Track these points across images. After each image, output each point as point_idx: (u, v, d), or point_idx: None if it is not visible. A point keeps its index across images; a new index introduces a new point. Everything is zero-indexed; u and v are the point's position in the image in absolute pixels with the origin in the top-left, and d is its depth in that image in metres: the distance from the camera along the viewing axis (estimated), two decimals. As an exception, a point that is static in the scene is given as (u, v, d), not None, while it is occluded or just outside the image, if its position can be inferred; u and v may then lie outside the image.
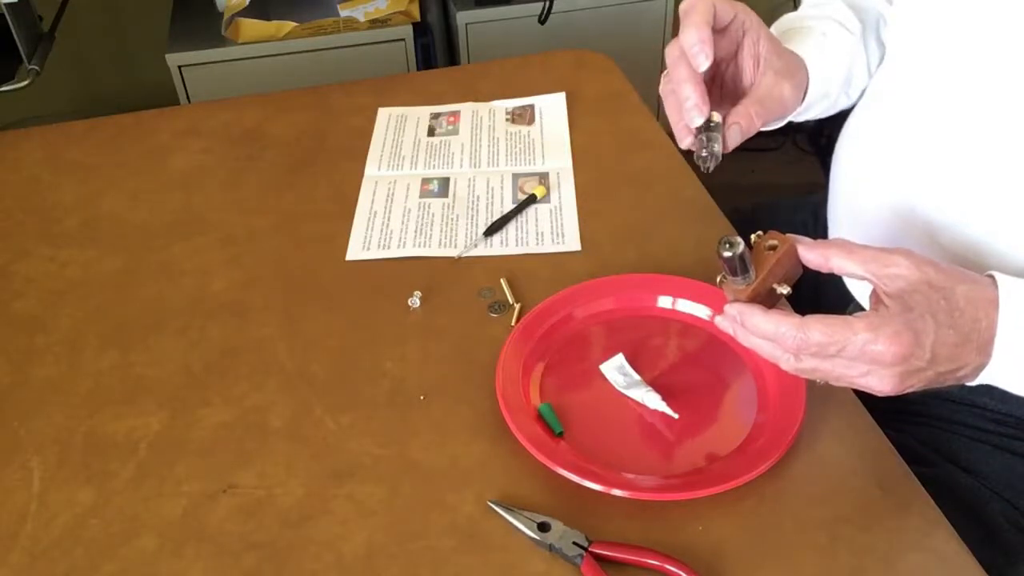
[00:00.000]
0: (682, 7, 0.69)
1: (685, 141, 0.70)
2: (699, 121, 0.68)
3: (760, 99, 0.71)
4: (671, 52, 0.68)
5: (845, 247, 0.61)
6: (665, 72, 0.70)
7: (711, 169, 0.68)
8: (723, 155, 0.69)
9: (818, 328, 0.57)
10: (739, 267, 0.61)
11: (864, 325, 0.57)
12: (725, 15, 0.69)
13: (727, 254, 0.60)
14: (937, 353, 0.58)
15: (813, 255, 0.62)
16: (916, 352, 0.57)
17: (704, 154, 0.68)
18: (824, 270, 0.62)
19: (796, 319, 0.59)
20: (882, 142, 0.79)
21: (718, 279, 0.63)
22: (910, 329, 0.57)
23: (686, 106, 0.68)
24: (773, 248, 0.62)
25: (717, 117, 0.68)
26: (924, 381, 0.59)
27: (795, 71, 0.74)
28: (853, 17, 0.84)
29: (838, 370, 0.59)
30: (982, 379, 0.61)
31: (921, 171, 0.74)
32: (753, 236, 0.63)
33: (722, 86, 0.74)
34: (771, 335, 0.60)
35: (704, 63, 0.66)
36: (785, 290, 0.62)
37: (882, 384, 0.58)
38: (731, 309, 0.62)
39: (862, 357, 0.57)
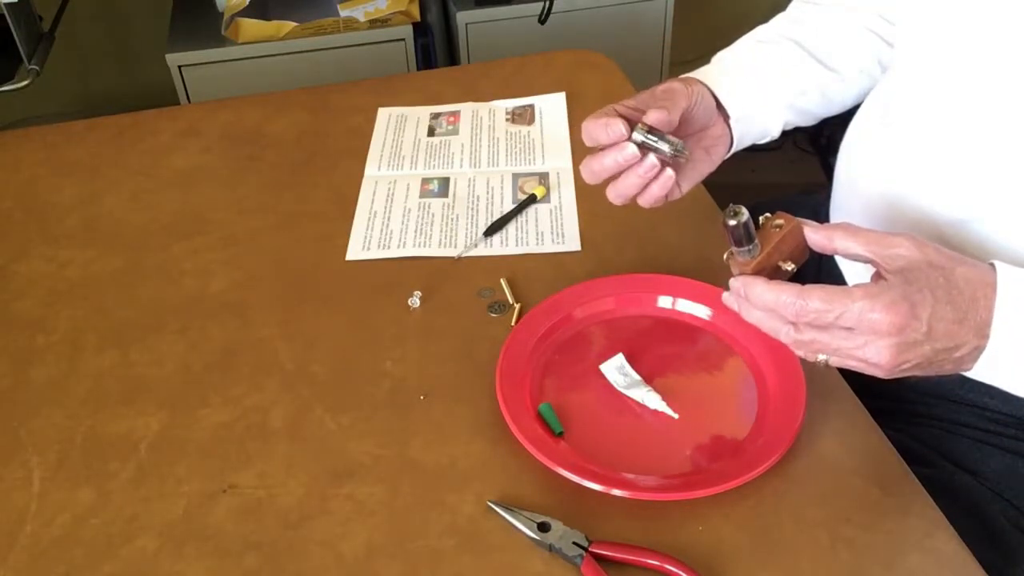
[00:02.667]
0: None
1: (626, 152, 0.69)
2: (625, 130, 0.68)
3: (651, 98, 0.73)
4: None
5: (849, 229, 0.62)
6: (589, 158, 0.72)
7: (683, 153, 0.69)
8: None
9: (817, 295, 0.59)
10: (744, 237, 0.62)
11: (862, 293, 0.58)
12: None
13: (732, 222, 0.62)
14: (934, 327, 0.58)
15: (818, 236, 0.63)
16: (912, 324, 0.58)
17: (665, 148, 0.68)
18: (828, 251, 0.63)
19: (796, 287, 0.60)
20: (888, 144, 0.79)
21: (725, 256, 0.65)
22: (907, 300, 0.58)
23: (611, 130, 0.69)
24: (780, 228, 0.64)
25: (639, 133, 0.69)
26: (921, 359, 0.59)
27: (662, 83, 0.76)
28: (784, 35, 0.85)
29: (836, 341, 0.60)
30: (980, 367, 0.61)
31: (927, 172, 0.74)
32: (762, 217, 0.65)
33: None
34: (772, 304, 0.61)
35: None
36: (790, 267, 0.64)
37: (879, 356, 0.59)
38: (735, 282, 0.63)
39: (859, 326, 0.58)
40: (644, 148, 0.69)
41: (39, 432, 0.74)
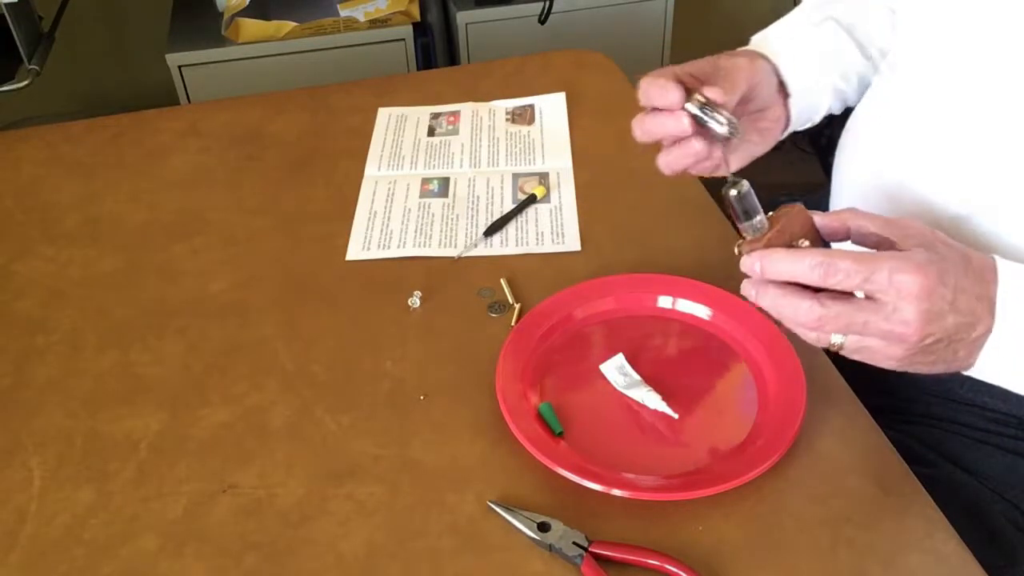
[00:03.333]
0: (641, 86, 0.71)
1: (683, 121, 0.68)
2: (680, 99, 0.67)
3: (712, 71, 0.71)
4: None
5: (859, 211, 0.62)
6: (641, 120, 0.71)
7: (737, 132, 0.66)
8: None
9: (846, 255, 0.57)
10: (748, 208, 0.62)
11: (890, 255, 0.57)
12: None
13: (732, 192, 0.62)
14: (958, 298, 0.58)
15: (829, 219, 0.62)
16: (939, 290, 0.57)
17: (720, 123, 0.66)
18: (840, 235, 0.62)
19: (822, 249, 0.59)
20: (886, 141, 0.79)
21: (736, 247, 0.63)
22: (934, 264, 0.57)
23: (669, 96, 0.67)
24: (787, 214, 0.63)
25: (693, 105, 0.67)
26: (943, 334, 0.58)
27: (725, 54, 0.74)
28: (831, 19, 0.84)
29: (862, 313, 0.58)
30: (986, 354, 0.61)
31: (927, 170, 0.74)
32: (769, 214, 0.64)
33: None
34: (795, 272, 0.58)
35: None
36: (805, 244, 0.62)
37: (906, 324, 0.57)
38: (750, 258, 0.61)
39: (889, 289, 0.57)
40: (697, 121, 0.67)
41: (39, 432, 0.74)
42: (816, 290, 0.59)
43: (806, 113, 0.82)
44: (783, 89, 0.79)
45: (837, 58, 0.83)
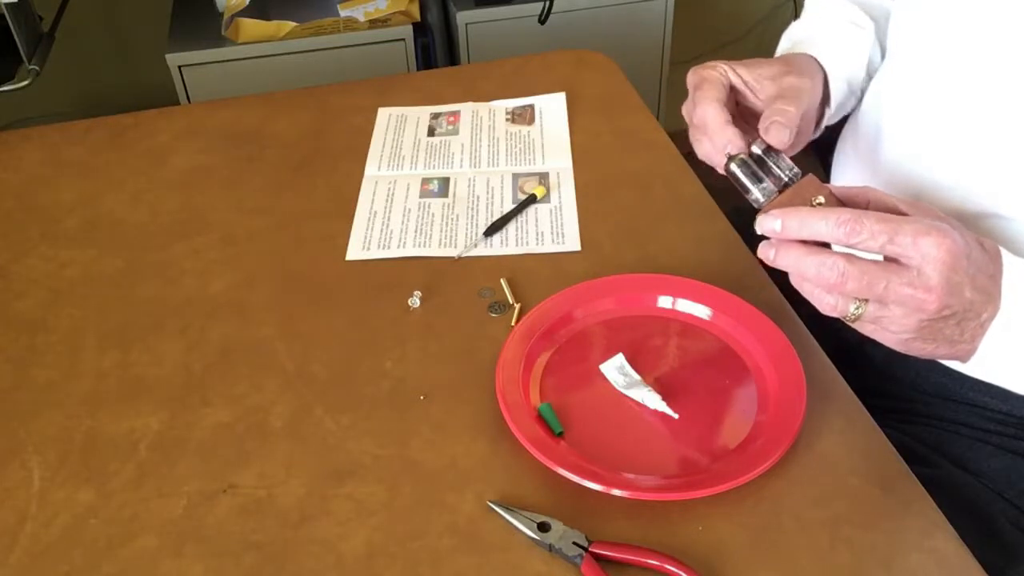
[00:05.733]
0: (693, 79, 0.70)
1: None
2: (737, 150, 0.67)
3: (776, 96, 0.70)
4: (689, 111, 0.70)
5: (877, 189, 0.61)
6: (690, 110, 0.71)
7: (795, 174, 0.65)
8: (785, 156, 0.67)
9: (872, 216, 0.56)
10: (755, 174, 0.62)
11: (915, 219, 0.56)
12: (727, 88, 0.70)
13: (732, 166, 0.63)
14: (976, 275, 0.58)
15: (847, 189, 0.61)
16: (962, 262, 0.56)
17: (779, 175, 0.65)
18: (860, 201, 0.61)
19: (848, 208, 0.58)
20: (886, 140, 0.79)
21: (756, 225, 0.61)
22: (959, 235, 0.56)
23: (721, 138, 0.67)
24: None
25: (757, 148, 0.66)
26: (960, 307, 0.57)
27: (794, 68, 0.74)
28: (863, 14, 0.83)
29: (887, 273, 0.56)
30: (989, 339, 0.60)
31: (927, 169, 0.74)
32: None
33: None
34: (819, 230, 0.57)
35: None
36: (820, 199, 0.61)
37: (929, 292, 0.56)
38: (768, 217, 0.59)
39: (914, 254, 0.56)
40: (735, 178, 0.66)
41: (39, 432, 0.74)
42: None
43: (834, 120, 0.81)
44: (824, 100, 0.78)
45: (869, 65, 0.83)
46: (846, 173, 0.85)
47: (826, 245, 0.59)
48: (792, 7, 2.13)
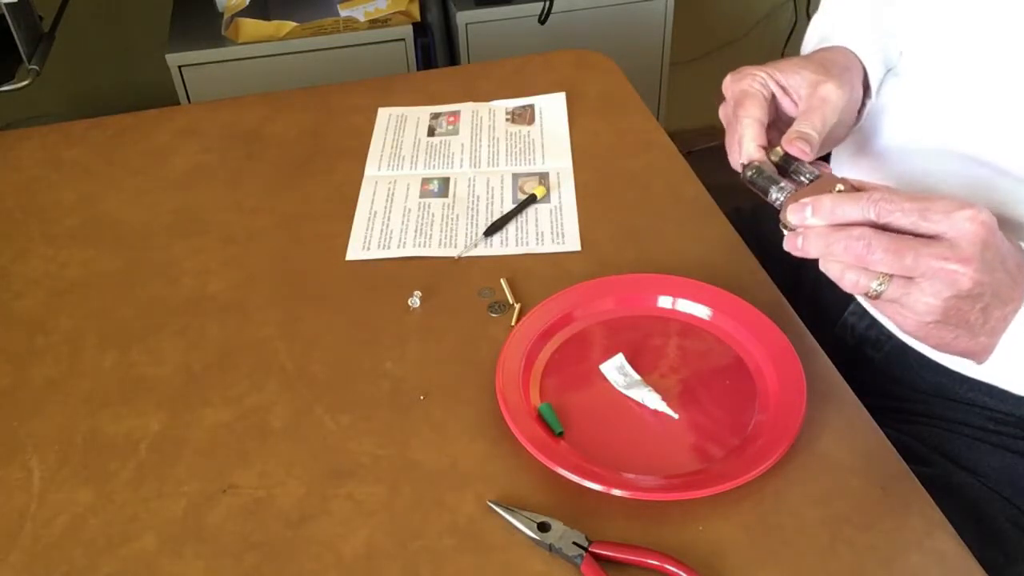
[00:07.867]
0: (734, 89, 0.70)
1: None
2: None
3: (806, 110, 0.70)
4: (727, 118, 0.71)
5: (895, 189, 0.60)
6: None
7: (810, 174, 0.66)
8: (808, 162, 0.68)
9: (902, 193, 0.56)
10: (769, 180, 0.64)
11: (944, 196, 0.56)
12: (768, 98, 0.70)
13: (749, 174, 0.65)
14: (1006, 259, 0.57)
15: (868, 187, 0.60)
16: (994, 240, 0.56)
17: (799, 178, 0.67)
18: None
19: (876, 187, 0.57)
20: (886, 139, 0.79)
21: (781, 220, 0.62)
22: (985, 214, 0.55)
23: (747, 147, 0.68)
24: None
25: (774, 156, 0.68)
26: (990, 289, 0.56)
27: (833, 72, 0.73)
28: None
29: (916, 243, 0.55)
30: (1009, 335, 0.60)
31: (927, 168, 0.74)
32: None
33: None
34: (847, 213, 0.57)
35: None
36: (841, 187, 0.61)
37: (966, 264, 0.54)
38: (797, 207, 0.59)
39: (948, 228, 0.55)
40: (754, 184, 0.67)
41: (39, 432, 0.74)
42: None
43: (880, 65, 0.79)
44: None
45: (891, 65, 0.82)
46: (843, 166, 0.85)
47: None
48: (792, 7, 2.13)
